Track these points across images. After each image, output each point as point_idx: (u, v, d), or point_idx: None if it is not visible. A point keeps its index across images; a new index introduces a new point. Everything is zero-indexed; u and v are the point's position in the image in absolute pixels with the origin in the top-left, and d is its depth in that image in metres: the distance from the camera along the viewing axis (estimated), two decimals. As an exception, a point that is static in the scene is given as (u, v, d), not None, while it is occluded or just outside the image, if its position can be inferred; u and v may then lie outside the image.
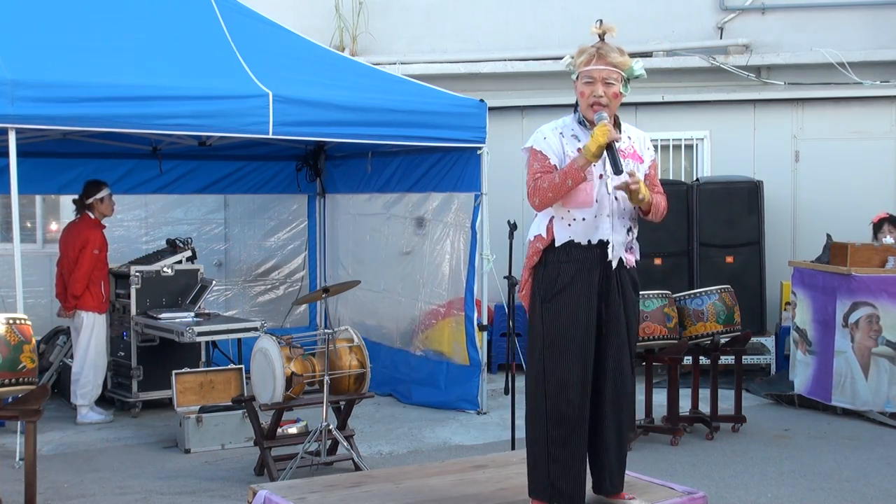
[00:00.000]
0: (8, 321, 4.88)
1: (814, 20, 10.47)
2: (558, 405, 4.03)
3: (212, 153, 9.22)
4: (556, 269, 4.06)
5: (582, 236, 4.05)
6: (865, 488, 5.95)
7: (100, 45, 6.83)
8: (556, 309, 4.04)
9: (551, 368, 4.04)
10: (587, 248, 4.05)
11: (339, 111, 7.18)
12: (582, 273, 4.03)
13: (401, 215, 8.85)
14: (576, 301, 4.02)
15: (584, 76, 4.04)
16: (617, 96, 4.04)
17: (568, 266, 4.04)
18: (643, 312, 6.76)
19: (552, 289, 4.06)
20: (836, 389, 7.70)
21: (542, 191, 4.02)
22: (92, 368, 7.69)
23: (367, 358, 6.20)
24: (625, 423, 4.20)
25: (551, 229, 4.08)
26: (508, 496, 4.42)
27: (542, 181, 4.02)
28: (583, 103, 4.06)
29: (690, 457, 6.65)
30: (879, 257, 7.69)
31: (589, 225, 4.04)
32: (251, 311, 9.71)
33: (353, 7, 10.93)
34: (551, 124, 4.17)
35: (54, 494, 5.84)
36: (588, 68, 4.04)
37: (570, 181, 3.96)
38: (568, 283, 4.03)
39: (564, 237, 4.06)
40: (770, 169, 10.11)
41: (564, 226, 4.06)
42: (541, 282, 4.10)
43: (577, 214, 4.04)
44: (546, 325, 4.06)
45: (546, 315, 4.07)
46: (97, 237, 7.74)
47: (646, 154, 4.21)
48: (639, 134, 4.25)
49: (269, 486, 4.60)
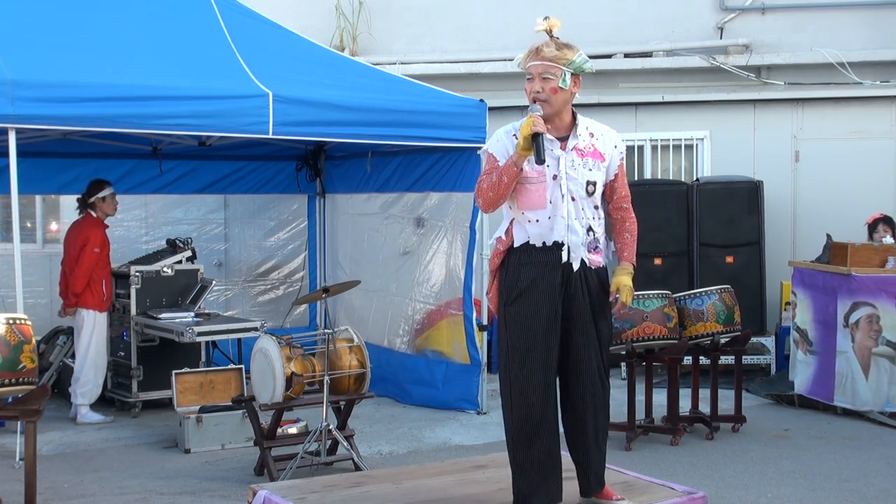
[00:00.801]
0: (8, 321, 4.88)
1: (814, 20, 10.47)
2: (521, 409, 4.03)
3: (212, 153, 9.22)
4: (517, 271, 4.07)
5: (537, 238, 4.05)
6: (865, 488, 5.95)
7: (100, 45, 6.83)
8: (516, 312, 4.05)
9: (514, 372, 4.04)
10: (544, 249, 4.05)
11: (339, 111, 7.18)
12: (542, 276, 4.03)
13: (400, 215, 8.84)
14: (536, 304, 4.02)
15: (527, 73, 4.08)
16: (556, 91, 4.02)
17: (528, 269, 4.05)
18: (643, 312, 6.76)
19: (513, 292, 4.07)
20: (838, 389, 7.70)
21: (483, 191, 4.06)
22: (92, 367, 7.69)
23: (367, 358, 6.20)
24: (601, 422, 4.19)
25: (510, 231, 4.11)
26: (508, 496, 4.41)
27: (482, 182, 4.06)
28: (528, 98, 4.08)
29: (690, 457, 6.65)
30: (879, 257, 7.69)
31: (544, 226, 4.04)
32: (251, 311, 9.71)
33: (353, 7, 10.93)
34: (507, 126, 4.18)
35: (54, 494, 5.84)
36: (528, 65, 4.08)
37: (504, 178, 4.00)
38: (528, 286, 4.03)
39: (522, 239, 4.08)
40: (770, 169, 10.12)
41: (522, 228, 4.09)
42: (503, 285, 4.12)
43: (532, 216, 4.05)
44: (509, 329, 4.07)
45: (508, 318, 4.08)
46: (98, 235, 7.75)
47: (611, 153, 4.16)
48: (604, 130, 4.20)
49: (269, 486, 4.60)
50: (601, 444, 4.21)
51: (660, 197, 9.55)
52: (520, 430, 4.05)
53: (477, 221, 7.94)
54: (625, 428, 6.91)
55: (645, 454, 6.68)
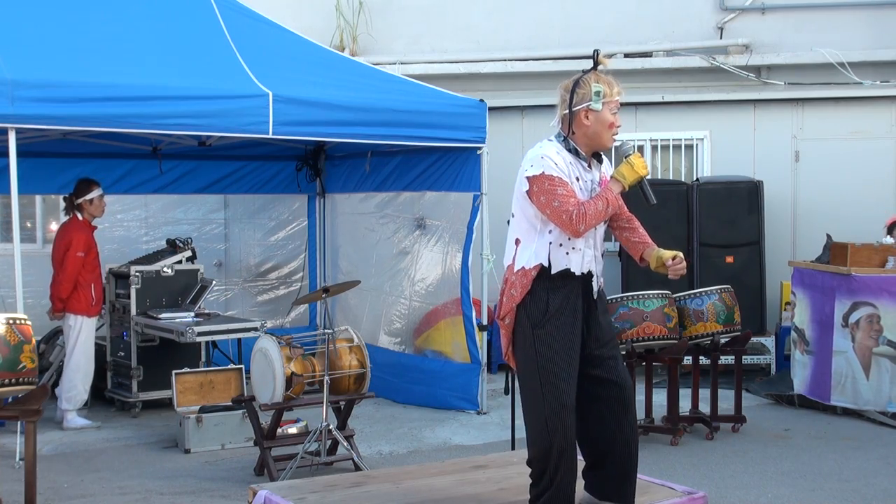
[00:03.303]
0: (8, 321, 4.88)
1: (814, 20, 10.47)
2: (560, 430, 4.02)
3: (212, 153, 9.22)
4: (545, 296, 4.07)
5: (577, 266, 4.10)
6: (865, 488, 5.95)
7: (100, 45, 6.83)
8: (548, 334, 4.06)
9: (551, 394, 4.04)
10: (574, 277, 4.10)
11: (339, 111, 7.18)
12: (569, 300, 4.09)
13: (399, 215, 8.84)
14: (566, 327, 4.07)
15: (612, 106, 4.11)
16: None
17: (556, 293, 4.07)
18: (643, 312, 6.76)
19: (543, 315, 4.07)
20: (836, 389, 7.70)
21: (588, 218, 4.01)
22: (79, 373, 7.54)
23: (367, 358, 6.20)
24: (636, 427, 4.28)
25: (549, 256, 4.09)
26: (508, 496, 4.43)
27: (584, 209, 4.01)
28: (607, 134, 4.10)
29: (690, 457, 6.65)
30: (879, 257, 7.69)
31: (580, 255, 4.11)
32: (251, 311, 9.71)
33: (353, 7, 10.93)
34: (545, 149, 4.10)
35: (54, 494, 5.84)
36: (616, 99, 4.13)
37: (609, 208, 4.07)
38: (557, 310, 4.06)
39: (562, 265, 4.08)
40: (770, 169, 10.11)
41: (563, 254, 4.09)
42: (529, 308, 4.09)
43: (578, 244, 4.10)
44: (539, 350, 4.07)
45: (538, 340, 4.08)
46: (81, 239, 7.57)
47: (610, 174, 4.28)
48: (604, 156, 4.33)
49: (269, 486, 4.61)
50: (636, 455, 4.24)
51: (660, 197, 9.39)
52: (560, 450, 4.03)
53: (476, 221, 7.94)
54: (625, 428, 6.90)
55: (645, 454, 6.64)
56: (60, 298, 7.54)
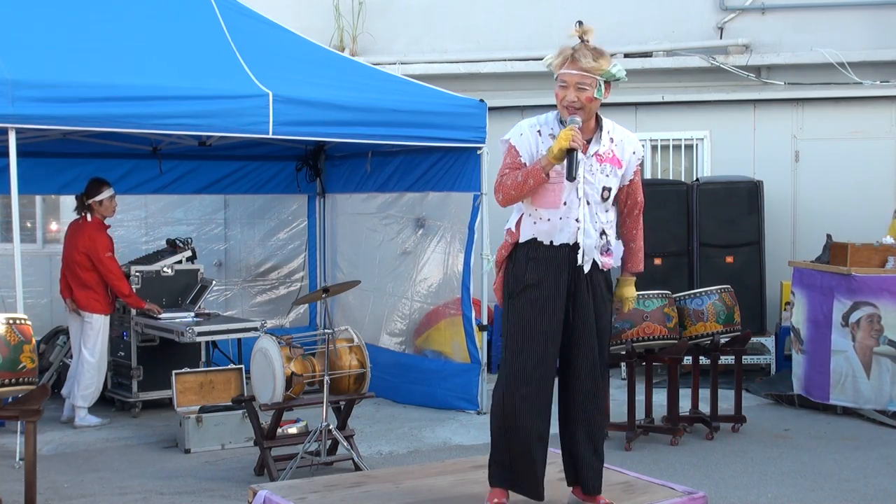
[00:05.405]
0: (8, 321, 4.88)
1: (814, 20, 10.47)
2: (513, 399, 4.07)
3: (212, 153, 9.22)
4: (523, 266, 4.09)
5: (545, 236, 4.07)
6: (865, 488, 5.95)
7: (100, 45, 6.83)
8: (520, 306, 4.07)
9: (512, 364, 4.08)
10: (551, 248, 4.07)
11: (339, 111, 7.18)
12: (549, 273, 4.05)
13: (399, 215, 8.84)
14: (541, 299, 4.04)
15: (559, 79, 4.04)
16: (591, 100, 4.00)
17: (535, 264, 4.07)
18: (643, 312, 6.76)
19: (518, 285, 4.09)
20: (835, 388, 7.70)
21: (505, 187, 4.06)
22: (97, 371, 7.66)
23: (367, 358, 6.20)
24: (596, 421, 4.21)
25: (519, 225, 4.12)
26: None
27: (507, 178, 4.06)
28: (559, 105, 4.07)
29: (690, 457, 6.65)
30: (879, 257, 7.69)
31: (554, 226, 4.05)
32: (251, 311, 9.71)
33: (353, 7, 10.93)
34: (531, 120, 4.17)
35: (54, 494, 5.84)
36: (562, 72, 4.03)
37: (531, 181, 3.99)
38: (534, 282, 4.05)
39: (529, 234, 4.09)
40: (770, 169, 10.12)
41: (531, 223, 4.10)
42: (509, 277, 4.14)
43: (544, 214, 4.06)
44: (510, 321, 4.11)
45: (511, 311, 4.11)
46: (105, 241, 7.71)
47: (628, 159, 4.16)
48: (625, 136, 4.19)
49: (269, 486, 4.60)
50: (597, 444, 4.22)
51: (660, 197, 9.55)
52: (511, 418, 4.08)
53: (476, 222, 7.94)
54: (625, 428, 6.91)
55: (645, 454, 6.68)
56: (126, 294, 7.74)
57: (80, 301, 7.67)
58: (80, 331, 7.72)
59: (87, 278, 7.66)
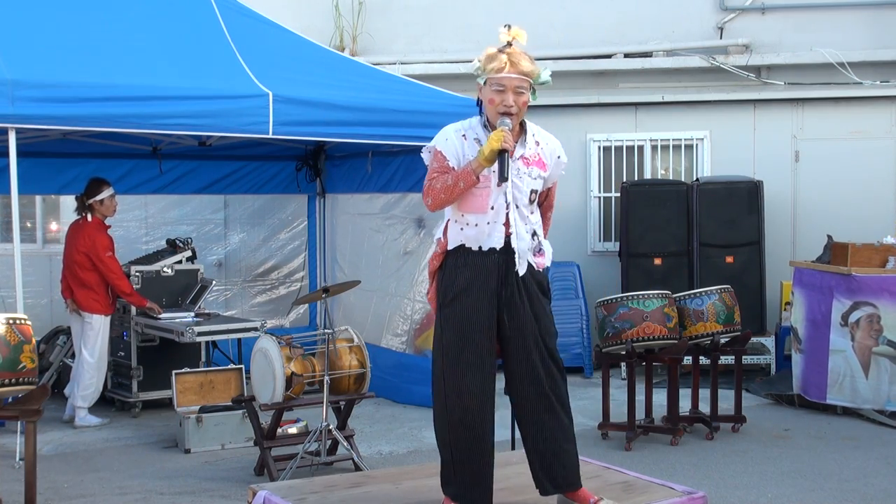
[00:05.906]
0: (8, 321, 4.88)
1: (814, 20, 10.47)
2: (457, 412, 3.98)
3: (212, 153, 9.22)
4: (453, 273, 4.02)
5: (473, 242, 4.00)
6: (865, 488, 5.95)
7: (100, 45, 6.82)
8: (452, 314, 4.00)
9: (449, 375, 3.99)
10: (479, 254, 4.00)
11: (339, 111, 7.17)
12: (478, 278, 3.98)
13: (400, 215, 8.84)
14: (473, 307, 3.97)
15: (494, 83, 3.94)
16: (525, 104, 3.97)
17: (464, 271, 4.00)
18: (643, 312, 6.76)
19: (448, 294, 4.02)
20: (833, 388, 7.71)
21: (434, 191, 3.98)
22: (97, 371, 7.67)
23: (367, 358, 6.20)
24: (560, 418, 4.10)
25: (446, 232, 4.06)
26: (508, 496, 4.41)
27: (436, 182, 3.97)
28: (491, 110, 3.97)
29: (690, 457, 6.65)
30: (880, 257, 7.70)
31: (481, 231, 3.99)
32: (251, 311, 9.71)
33: (353, 7, 10.93)
34: (455, 125, 4.09)
35: (54, 494, 5.84)
36: (500, 76, 3.93)
37: (461, 183, 3.92)
38: (463, 289, 3.98)
39: (457, 241, 4.03)
40: (770, 169, 10.12)
41: (458, 230, 4.03)
42: (441, 286, 4.07)
43: (471, 219, 4.00)
44: (444, 331, 4.02)
45: (443, 320, 4.03)
46: (105, 241, 7.71)
47: (553, 163, 4.12)
48: (549, 140, 4.15)
49: (269, 486, 4.60)
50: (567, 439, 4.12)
51: (660, 197, 9.56)
52: (455, 433, 4.00)
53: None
54: (625, 428, 6.92)
55: (645, 454, 6.68)
56: (127, 293, 7.75)
57: (80, 301, 7.68)
58: (81, 331, 7.73)
59: (86, 278, 7.66)
